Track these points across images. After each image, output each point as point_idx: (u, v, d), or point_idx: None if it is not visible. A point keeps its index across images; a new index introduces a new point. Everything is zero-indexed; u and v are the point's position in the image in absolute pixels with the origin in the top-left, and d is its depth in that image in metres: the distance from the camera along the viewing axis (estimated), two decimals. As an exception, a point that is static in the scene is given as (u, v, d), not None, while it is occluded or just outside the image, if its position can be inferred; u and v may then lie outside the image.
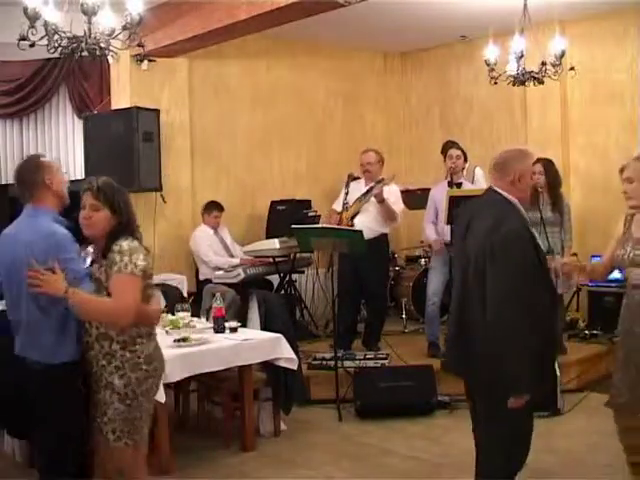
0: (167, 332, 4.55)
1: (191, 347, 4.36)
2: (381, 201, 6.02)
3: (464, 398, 5.17)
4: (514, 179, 3.16)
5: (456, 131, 7.90)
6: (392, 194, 6.16)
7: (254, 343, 4.64)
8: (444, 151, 6.31)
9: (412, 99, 9.00)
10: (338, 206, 6.39)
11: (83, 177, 6.77)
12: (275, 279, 7.11)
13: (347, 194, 6.19)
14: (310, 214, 7.26)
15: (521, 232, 3.05)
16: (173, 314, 4.86)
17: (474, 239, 3.13)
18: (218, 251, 6.75)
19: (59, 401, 2.98)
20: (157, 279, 4.18)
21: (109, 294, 2.95)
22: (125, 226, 3.04)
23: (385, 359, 5.87)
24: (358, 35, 7.82)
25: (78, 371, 3.04)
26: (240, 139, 7.68)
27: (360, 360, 5.81)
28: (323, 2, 5.30)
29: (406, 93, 9.04)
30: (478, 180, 6.41)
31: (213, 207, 6.82)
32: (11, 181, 7.59)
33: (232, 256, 6.80)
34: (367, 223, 6.08)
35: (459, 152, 6.14)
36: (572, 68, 6.11)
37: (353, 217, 6.13)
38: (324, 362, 5.74)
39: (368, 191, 6.12)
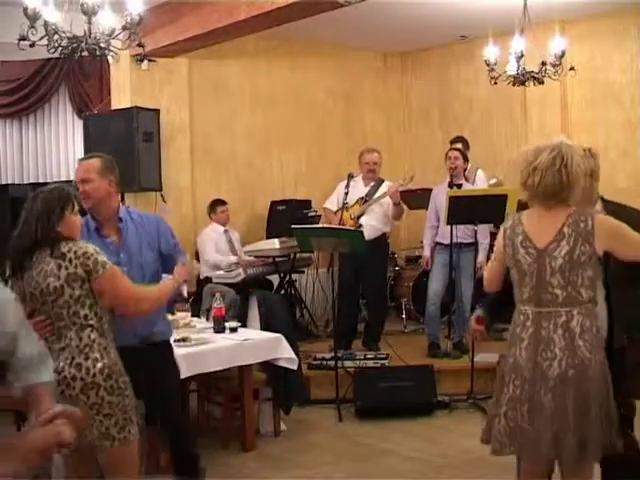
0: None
1: (191, 347, 4.36)
2: (397, 203, 6.09)
3: (464, 398, 5.27)
4: None
5: (456, 131, 7.88)
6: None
7: (254, 343, 4.64)
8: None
9: (412, 99, 9.00)
10: (331, 205, 6.41)
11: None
12: (275, 279, 7.11)
13: (347, 194, 6.21)
14: (310, 214, 7.26)
15: None
16: (173, 314, 4.86)
17: None
18: (224, 250, 6.74)
19: None
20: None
21: None
22: None
23: (385, 359, 5.87)
24: (358, 35, 7.81)
25: None
26: (240, 139, 7.68)
27: (360, 360, 5.81)
28: (323, 2, 5.29)
29: (406, 93, 9.03)
30: (478, 182, 6.42)
31: (216, 204, 6.86)
32: (11, 181, 7.63)
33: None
34: (372, 222, 6.12)
35: (457, 153, 6.14)
36: (572, 68, 6.11)
37: (359, 217, 6.16)
38: (324, 362, 5.74)
39: (372, 191, 6.17)
